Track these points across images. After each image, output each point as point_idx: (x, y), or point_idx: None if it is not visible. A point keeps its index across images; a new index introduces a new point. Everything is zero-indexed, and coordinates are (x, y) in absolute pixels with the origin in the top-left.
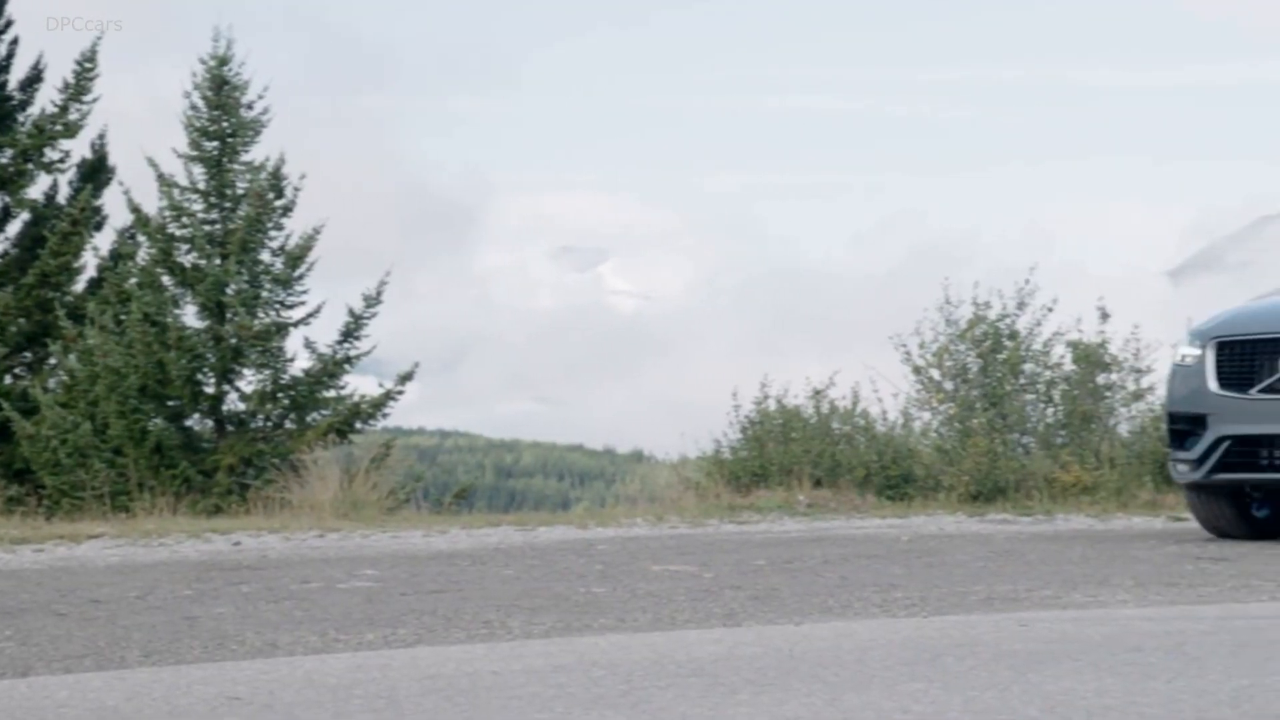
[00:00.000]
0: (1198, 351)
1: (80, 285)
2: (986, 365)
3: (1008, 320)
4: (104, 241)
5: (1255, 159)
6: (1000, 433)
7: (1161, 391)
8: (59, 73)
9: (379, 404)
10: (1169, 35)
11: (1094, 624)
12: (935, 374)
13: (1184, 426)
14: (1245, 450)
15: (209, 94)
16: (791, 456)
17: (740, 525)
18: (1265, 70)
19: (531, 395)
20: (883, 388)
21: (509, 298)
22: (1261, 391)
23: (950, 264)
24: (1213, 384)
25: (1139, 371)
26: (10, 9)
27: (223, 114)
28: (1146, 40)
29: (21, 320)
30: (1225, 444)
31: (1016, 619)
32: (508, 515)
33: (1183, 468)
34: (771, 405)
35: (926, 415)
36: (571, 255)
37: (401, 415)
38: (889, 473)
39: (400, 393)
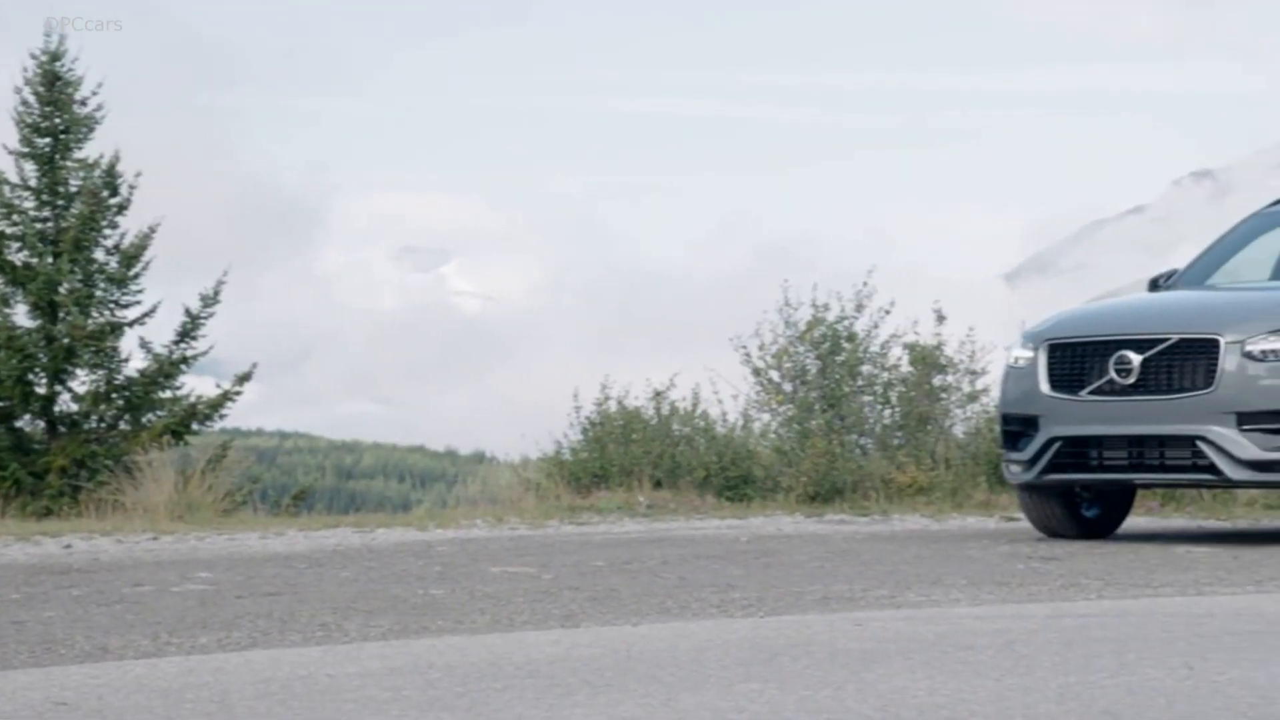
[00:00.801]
0: (1030, 354)
1: None
2: (825, 367)
3: (846, 322)
4: None
5: (1088, 164)
6: (838, 434)
7: (996, 393)
8: None
9: (216, 405)
10: (999, 40)
11: (927, 623)
12: (775, 376)
13: (1016, 428)
14: (1075, 451)
15: (40, 90)
16: (632, 458)
17: (580, 526)
18: (1089, 76)
19: (373, 396)
20: (723, 389)
21: (351, 298)
22: (1091, 393)
23: (792, 265)
24: (1044, 386)
25: (974, 373)
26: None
27: (55, 110)
28: (978, 45)
29: None
30: (1056, 445)
31: (852, 618)
32: (347, 517)
33: (1015, 468)
34: (612, 406)
35: (766, 417)
36: (414, 255)
37: (240, 416)
38: (728, 474)
39: (238, 394)
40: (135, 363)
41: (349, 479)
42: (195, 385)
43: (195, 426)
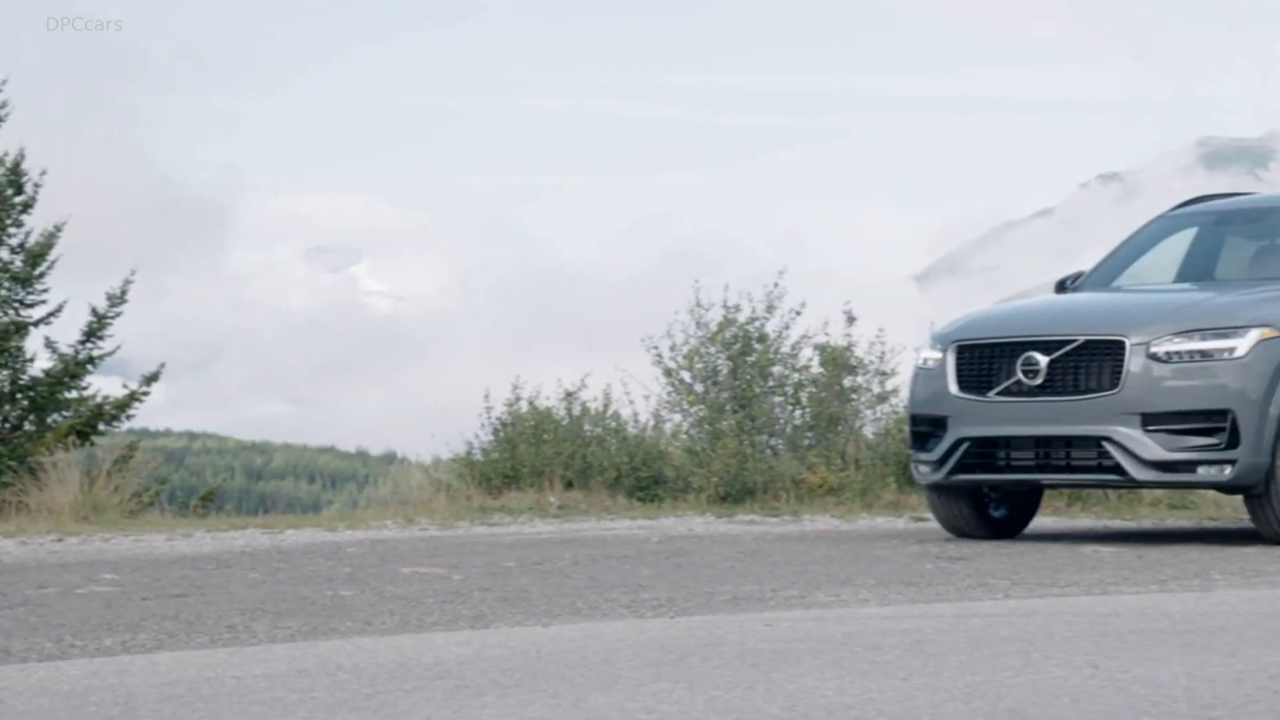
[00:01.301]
0: (939, 355)
1: None
2: (736, 368)
3: (757, 323)
4: None
5: (998, 166)
6: (749, 435)
7: (905, 394)
8: None
9: (123, 405)
10: (909, 43)
11: (836, 623)
12: (686, 376)
13: (925, 428)
14: (984, 452)
15: None
16: (543, 458)
17: (491, 527)
18: (999, 79)
19: (283, 397)
20: (634, 390)
21: (261, 298)
22: (999, 394)
23: (704, 266)
24: (953, 386)
25: (884, 374)
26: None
27: None
28: (889, 48)
29: None
30: (964, 445)
31: (761, 619)
32: (255, 518)
33: (924, 469)
34: (523, 407)
35: (677, 417)
36: (325, 255)
37: (147, 417)
38: (640, 474)
39: (146, 394)
40: (40, 363)
41: (259, 480)
42: (102, 386)
43: (102, 427)
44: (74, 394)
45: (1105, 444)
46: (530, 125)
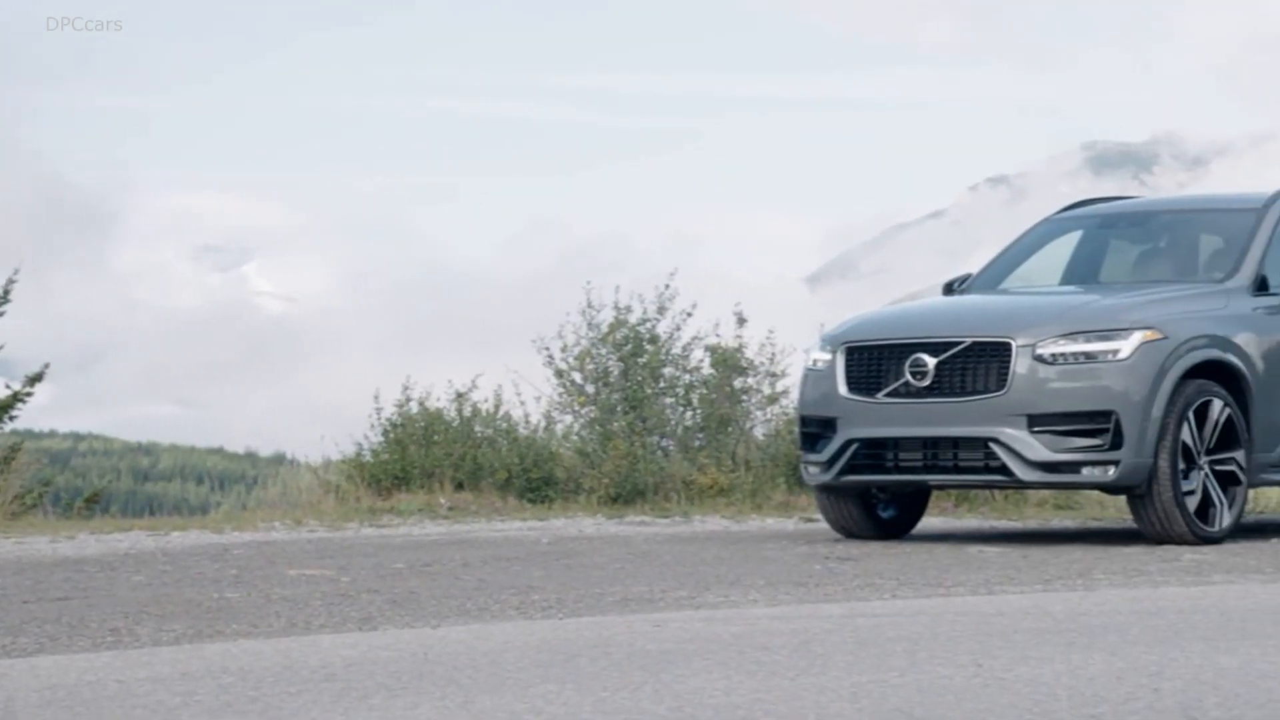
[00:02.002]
0: (828, 356)
1: None
2: (627, 369)
3: (648, 325)
4: None
5: (889, 169)
6: (640, 436)
7: (795, 395)
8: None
9: (6, 406)
10: (801, 46)
11: (725, 624)
12: (577, 378)
13: (815, 429)
14: (872, 453)
15: None
16: (433, 459)
17: (380, 529)
18: (890, 82)
19: (171, 397)
20: (526, 391)
21: (149, 297)
22: (888, 395)
23: (598, 267)
24: (842, 388)
25: (774, 376)
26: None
27: None
28: (781, 50)
29: None
30: (853, 446)
31: (651, 620)
32: (140, 520)
33: (813, 470)
34: (414, 408)
35: (568, 418)
36: (214, 255)
37: (31, 418)
38: (530, 475)
39: (29, 394)
40: None
41: (145, 481)
42: None
43: None
44: None
45: (992, 445)
46: (424, 126)
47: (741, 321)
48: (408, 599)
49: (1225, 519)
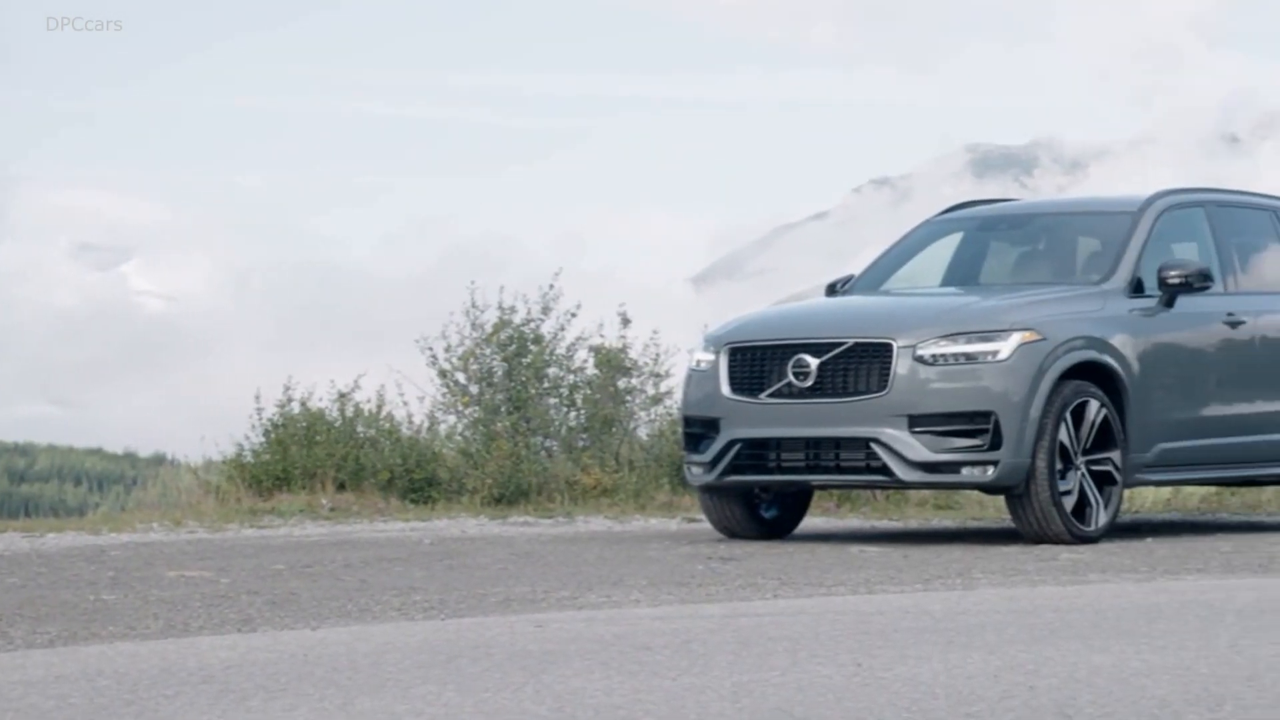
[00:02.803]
0: (712, 357)
1: None
2: (511, 369)
3: (532, 325)
4: None
5: (774, 170)
6: (524, 436)
7: (679, 396)
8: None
9: None
10: (685, 47)
11: (607, 624)
12: (461, 378)
13: (698, 430)
14: (755, 453)
15: None
16: (315, 460)
17: (261, 529)
18: (773, 84)
19: (48, 397)
20: (409, 391)
21: (25, 295)
22: (770, 396)
23: (485, 267)
24: (725, 388)
25: (658, 376)
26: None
27: None
28: (664, 50)
29: None
30: (736, 447)
31: (532, 620)
32: (15, 521)
33: (697, 470)
34: (295, 408)
35: (452, 419)
36: (93, 253)
37: None
38: (413, 476)
39: None
40: None
41: (21, 483)
42: None
43: None
44: None
45: (873, 445)
46: (311, 125)
47: (626, 322)
48: (288, 600)
49: (1101, 519)
